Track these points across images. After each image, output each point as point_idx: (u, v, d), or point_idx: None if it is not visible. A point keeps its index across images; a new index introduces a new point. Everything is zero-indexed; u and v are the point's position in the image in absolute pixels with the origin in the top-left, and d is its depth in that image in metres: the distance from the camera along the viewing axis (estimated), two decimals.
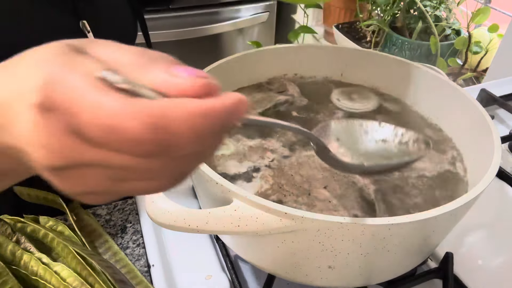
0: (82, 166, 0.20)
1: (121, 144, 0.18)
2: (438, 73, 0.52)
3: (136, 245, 0.51)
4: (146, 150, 0.19)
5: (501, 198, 0.57)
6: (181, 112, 0.18)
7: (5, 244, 0.44)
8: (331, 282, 0.39)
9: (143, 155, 0.19)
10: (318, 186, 0.42)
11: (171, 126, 0.18)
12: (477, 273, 0.47)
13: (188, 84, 0.19)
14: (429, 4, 1.09)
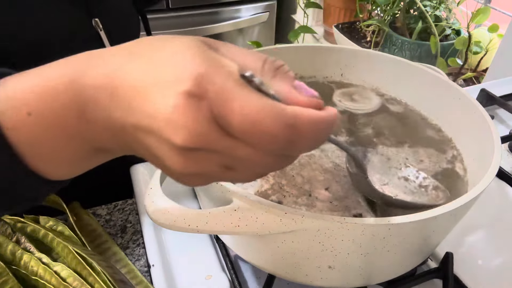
0: (209, 151, 0.22)
1: (257, 137, 0.22)
2: (438, 73, 0.52)
3: (136, 245, 0.51)
4: (275, 145, 0.22)
5: (501, 198, 0.57)
6: (309, 118, 0.22)
7: (5, 244, 0.44)
8: (331, 282, 0.39)
9: (268, 149, 0.22)
10: (319, 187, 0.42)
11: (301, 128, 0.22)
12: (477, 273, 0.47)
13: (306, 99, 0.23)
14: (429, 4, 1.09)
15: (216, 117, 0.21)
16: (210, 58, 0.22)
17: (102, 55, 0.25)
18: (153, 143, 0.23)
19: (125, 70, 0.23)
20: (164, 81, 0.22)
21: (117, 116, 0.24)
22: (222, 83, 0.21)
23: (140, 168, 0.60)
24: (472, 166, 0.46)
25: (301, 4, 1.51)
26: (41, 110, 0.24)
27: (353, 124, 0.52)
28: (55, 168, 0.27)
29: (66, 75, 0.24)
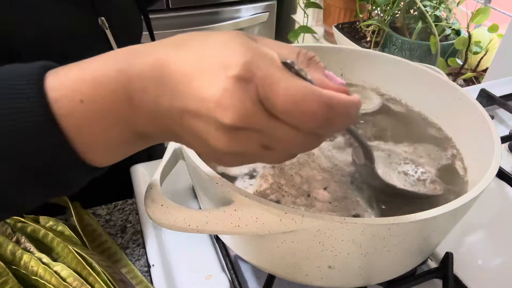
0: (253, 130, 0.25)
1: (298, 116, 0.24)
2: (438, 73, 0.52)
3: (136, 245, 0.51)
4: (313, 123, 0.25)
5: (501, 198, 0.57)
6: (342, 99, 0.25)
7: (5, 244, 0.44)
8: (331, 282, 0.39)
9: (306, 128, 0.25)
10: (318, 187, 0.42)
11: (336, 107, 0.25)
12: (477, 273, 0.47)
13: (336, 86, 0.27)
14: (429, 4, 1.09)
15: (261, 99, 0.24)
16: (254, 47, 0.25)
17: (146, 47, 0.27)
18: (199, 125, 0.25)
19: (171, 59, 0.25)
20: (214, 67, 0.24)
21: (163, 102, 0.26)
22: (267, 68, 0.24)
23: (140, 168, 0.60)
24: (472, 166, 0.46)
25: (301, 4, 1.51)
26: (93, 97, 0.26)
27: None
28: (99, 153, 0.28)
29: (114, 66, 0.26)
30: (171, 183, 0.43)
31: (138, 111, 0.27)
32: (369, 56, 0.56)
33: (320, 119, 0.25)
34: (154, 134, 0.28)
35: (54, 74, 0.27)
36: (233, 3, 1.78)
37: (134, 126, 0.28)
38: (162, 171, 0.39)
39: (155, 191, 0.36)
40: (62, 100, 0.26)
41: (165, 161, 0.40)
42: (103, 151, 0.28)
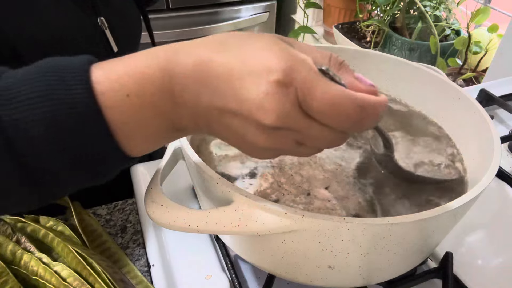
0: (289, 129, 0.27)
1: (333, 117, 0.27)
2: (438, 73, 0.52)
3: (136, 245, 0.51)
4: (346, 124, 0.27)
5: (501, 198, 0.57)
6: (373, 101, 0.28)
7: (5, 244, 0.44)
8: (331, 282, 0.39)
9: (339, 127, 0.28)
10: (318, 186, 0.42)
11: (367, 109, 0.27)
12: (477, 273, 0.47)
13: (366, 87, 0.29)
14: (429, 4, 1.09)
15: (299, 102, 0.26)
16: (293, 54, 0.27)
17: (185, 47, 0.28)
18: (238, 124, 0.27)
19: (212, 60, 0.27)
20: (256, 71, 0.26)
21: (204, 100, 0.27)
22: (306, 74, 0.26)
23: (140, 168, 0.60)
24: (472, 166, 0.46)
25: (301, 4, 1.51)
26: (138, 93, 0.28)
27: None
28: (137, 144, 0.30)
29: (157, 65, 0.28)
30: (171, 183, 0.43)
31: (179, 107, 0.28)
32: (369, 56, 0.56)
33: (353, 120, 0.27)
34: (191, 128, 0.30)
35: (99, 68, 0.28)
36: (233, 3, 1.78)
37: (174, 121, 0.29)
38: (162, 171, 0.39)
39: (155, 191, 0.36)
40: (108, 93, 0.27)
41: (165, 161, 0.40)
42: (142, 142, 0.30)
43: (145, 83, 0.28)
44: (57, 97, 0.26)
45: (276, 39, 0.28)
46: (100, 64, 0.28)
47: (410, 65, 0.54)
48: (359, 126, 0.28)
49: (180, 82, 0.28)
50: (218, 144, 0.46)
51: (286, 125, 0.27)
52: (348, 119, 0.27)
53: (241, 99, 0.26)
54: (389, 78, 0.56)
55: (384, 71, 0.56)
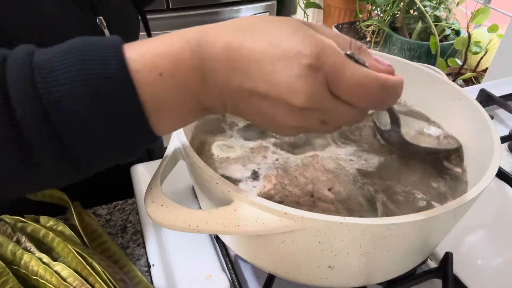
0: (317, 109, 0.29)
1: (359, 96, 0.29)
2: (438, 73, 0.52)
3: (136, 245, 0.51)
4: (370, 102, 0.30)
5: (501, 198, 0.57)
6: (393, 80, 0.30)
7: (5, 244, 0.44)
8: (331, 282, 0.39)
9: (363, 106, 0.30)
10: (322, 188, 0.42)
11: (389, 88, 0.29)
12: (477, 273, 0.47)
13: (386, 68, 0.31)
14: (429, 4, 1.09)
15: (328, 83, 0.28)
16: (320, 39, 0.28)
17: (214, 30, 0.29)
18: (267, 105, 0.29)
19: (242, 44, 0.28)
20: (288, 56, 0.27)
21: (233, 82, 0.29)
22: (335, 58, 0.28)
23: (140, 168, 0.60)
24: (472, 166, 0.46)
25: (301, 4, 1.51)
26: (171, 72, 0.29)
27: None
28: (165, 122, 0.31)
29: (189, 46, 0.29)
30: (171, 183, 0.43)
31: (208, 88, 0.30)
32: None
33: (377, 99, 0.30)
34: (219, 108, 0.32)
35: (132, 47, 0.29)
36: (233, 3, 1.78)
37: (202, 101, 0.31)
38: (162, 171, 0.39)
39: (155, 191, 0.36)
40: (142, 71, 0.28)
41: (165, 161, 0.40)
42: (169, 120, 0.31)
43: (177, 63, 0.29)
44: (94, 71, 0.27)
45: (301, 24, 0.29)
46: (132, 44, 0.29)
47: (410, 65, 0.54)
48: (381, 104, 0.31)
49: (211, 65, 0.29)
50: (220, 146, 0.46)
51: (315, 105, 0.28)
52: (372, 98, 0.29)
53: (272, 81, 0.28)
54: None
55: None
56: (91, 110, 0.27)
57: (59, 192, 0.53)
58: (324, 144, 0.48)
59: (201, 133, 0.49)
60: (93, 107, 0.27)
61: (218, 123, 0.51)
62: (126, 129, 0.29)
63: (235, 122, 0.51)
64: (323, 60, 0.28)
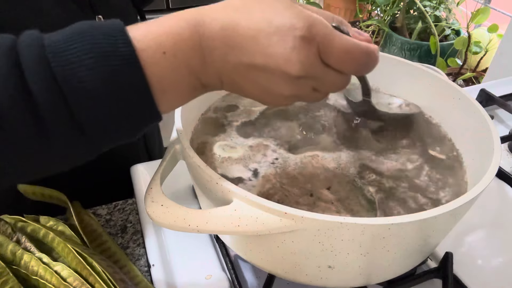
0: (310, 77, 0.32)
1: (347, 62, 0.32)
2: (438, 73, 0.52)
3: (136, 245, 0.51)
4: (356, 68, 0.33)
5: (501, 198, 0.57)
6: (374, 48, 0.33)
7: (5, 244, 0.44)
8: (331, 282, 0.39)
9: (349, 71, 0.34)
10: (320, 187, 0.42)
11: (371, 54, 0.33)
12: (477, 273, 0.47)
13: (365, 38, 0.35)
14: (429, 4, 1.09)
15: (320, 53, 0.31)
16: (309, 14, 0.31)
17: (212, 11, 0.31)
18: (265, 76, 0.31)
19: (238, 22, 0.30)
20: (282, 30, 0.30)
21: (231, 59, 0.31)
22: (324, 29, 0.31)
23: (140, 168, 0.60)
24: (472, 166, 0.46)
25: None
26: (173, 51, 0.30)
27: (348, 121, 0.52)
28: (168, 100, 0.32)
29: (188, 26, 0.31)
30: (171, 183, 0.43)
31: (208, 65, 0.32)
32: None
33: (361, 64, 0.33)
34: (217, 85, 0.34)
35: (135, 28, 0.30)
36: None
37: (202, 78, 0.33)
38: (162, 171, 0.39)
39: (155, 191, 0.36)
40: (147, 51, 0.29)
41: (165, 161, 0.40)
42: (172, 97, 0.32)
43: (180, 43, 0.30)
44: (104, 50, 0.28)
45: (289, 1, 0.32)
46: (135, 26, 0.31)
47: (410, 65, 0.54)
48: (365, 69, 0.34)
49: (209, 44, 0.31)
50: (223, 146, 0.46)
51: (309, 73, 0.31)
52: (358, 64, 0.33)
53: (269, 54, 0.30)
54: (389, 78, 0.56)
55: (384, 71, 0.56)
56: (102, 88, 0.28)
57: (58, 193, 0.53)
58: (325, 144, 0.48)
59: (201, 133, 0.49)
60: (104, 84, 0.28)
61: (218, 123, 0.51)
62: (134, 106, 0.30)
63: (234, 121, 0.51)
64: (314, 32, 0.30)
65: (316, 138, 0.49)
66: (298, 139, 0.49)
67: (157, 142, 0.78)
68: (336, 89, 0.35)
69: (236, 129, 0.50)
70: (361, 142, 0.49)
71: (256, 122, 0.51)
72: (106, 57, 0.28)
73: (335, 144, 0.48)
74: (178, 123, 0.41)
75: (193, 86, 0.33)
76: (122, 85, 0.29)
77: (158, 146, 0.80)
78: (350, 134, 0.50)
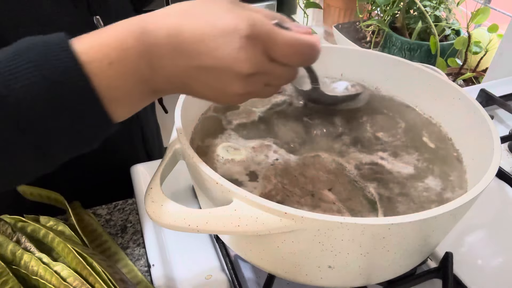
0: (260, 74, 0.33)
1: (292, 56, 0.34)
2: (438, 73, 0.52)
3: (136, 245, 0.51)
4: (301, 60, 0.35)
5: (501, 198, 0.57)
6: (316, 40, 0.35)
7: (5, 244, 0.44)
8: (331, 282, 0.39)
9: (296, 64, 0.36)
10: (322, 188, 0.42)
11: (314, 47, 0.35)
12: (477, 273, 0.47)
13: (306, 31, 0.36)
14: (429, 4, 1.09)
15: (265, 50, 0.33)
16: (250, 13, 0.32)
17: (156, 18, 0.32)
18: (216, 78, 0.32)
19: (183, 28, 0.31)
20: (227, 31, 0.31)
21: (180, 64, 0.32)
22: (266, 27, 0.32)
23: (140, 168, 0.60)
24: (471, 166, 0.46)
25: (301, 4, 1.51)
26: (120, 61, 0.31)
27: (350, 122, 0.52)
28: (121, 108, 0.33)
29: (134, 35, 0.31)
30: (171, 183, 0.43)
31: (157, 73, 0.32)
32: (369, 56, 0.56)
33: (306, 55, 0.35)
34: (169, 89, 0.34)
35: (80, 41, 0.31)
36: None
37: (153, 85, 0.33)
38: (162, 171, 0.39)
39: (155, 191, 0.36)
40: (93, 63, 0.30)
41: (165, 161, 0.40)
42: (124, 106, 0.33)
43: (126, 52, 0.31)
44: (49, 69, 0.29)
45: (230, 3, 0.33)
46: (79, 38, 0.31)
47: (410, 65, 0.54)
48: (310, 60, 0.36)
49: (157, 51, 0.31)
50: (226, 148, 0.46)
51: (258, 70, 0.33)
52: (303, 56, 0.35)
53: (218, 56, 0.31)
54: (389, 78, 0.56)
55: (384, 71, 0.56)
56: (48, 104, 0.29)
57: (56, 194, 0.53)
58: (326, 144, 0.48)
59: (202, 133, 0.49)
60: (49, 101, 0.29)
61: (218, 123, 0.51)
62: (85, 119, 0.31)
63: (234, 121, 0.51)
64: (257, 30, 0.31)
65: (317, 138, 0.49)
66: (300, 140, 0.49)
67: (156, 142, 0.78)
68: (286, 81, 0.37)
69: (237, 129, 0.50)
70: (361, 142, 0.49)
71: (257, 122, 0.51)
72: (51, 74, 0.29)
73: (336, 144, 0.48)
74: (178, 123, 0.41)
75: (145, 93, 0.34)
76: (70, 99, 0.29)
77: (158, 146, 0.80)
78: (351, 134, 0.50)
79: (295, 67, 0.37)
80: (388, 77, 0.56)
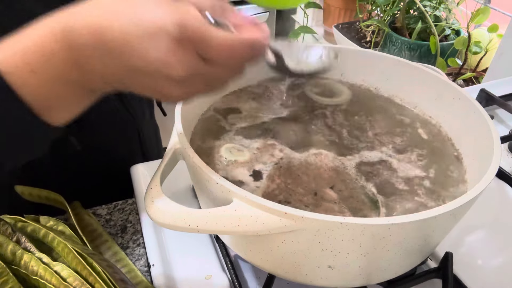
0: (196, 75, 0.30)
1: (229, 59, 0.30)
2: (438, 73, 0.52)
3: (136, 245, 0.51)
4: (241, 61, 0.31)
5: (501, 198, 0.57)
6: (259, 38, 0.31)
7: (5, 244, 0.44)
8: (331, 282, 0.39)
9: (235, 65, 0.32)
10: (324, 186, 0.42)
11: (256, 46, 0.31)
12: (477, 273, 0.47)
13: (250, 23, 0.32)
14: (429, 4, 1.09)
15: (197, 51, 0.29)
16: (181, 10, 0.29)
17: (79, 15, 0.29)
18: (150, 80, 0.30)
19: (108, 28, 0.28)
20: (152, 33, 0.28)
21: (112, 64, 0.29)
22: (196, 26, 0.28)
23: (140, 168, 0.60)
24: (472, 166, 0.46)
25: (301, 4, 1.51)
26: (43, 68, 0.29)
27: (350, 121, 0.52)
28: (59, 113, 0.31)
29: (55, 37, 0.29)
30: (171, 183, 0.43)
31: (88, 73, 0.30)
32: (369, 56, 0.56)
33: (247, 57, 0.31)
34: (105, 88, 0.32)
35: (2, 47, 0.29)
36: (233, 3, 1.78)
37: (89, 85, 0.31)
38: (162, 171, 0.39)
39: (155, 191, 0.36)
40: (15, 73, 0.28)
41: (165, 161, 0.40)
42: (62, 110, 0.32)
43: (47, 58, 0.29)
44: None
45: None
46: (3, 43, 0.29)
47: (410, 65, 0.54)
48: (251, 60, 0.32)
49: (83, 52, 0.29)
50: (230, 149, 0.46)
51: (192, 72, 0.30)
52: (241, 57, 0.31)
53: (147, 60, 0.28)
54: (389, 78, 0.56)
55: (384, 71, 0.56)
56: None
57: (55, 194, 0.53)
58: (327, 142, 0.48)
59: (202, 133, 0.49)
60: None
61: (218, 123, 0.51)
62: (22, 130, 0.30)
63: (235, 121, 0.51)
64: (186, 31, 0.28)
65: (318, 137, 0.49)
66: (301, 138, 0.49)
67: (155, 143, 0.78)
68: (232, 78, 0.34)
69: (237, 129, 0.50)
70: (362, 141, 0.49)
71: (258, 122, 0.51)
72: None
73: (337, 143, 0.48)
74: (178, 123, 0.41)
75: (80, 95, 0.32)
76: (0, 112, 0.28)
77: (157, 146, 0.80)
78: (352, 133, 0.50)
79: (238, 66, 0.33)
80: (388, 77, 0.56)
